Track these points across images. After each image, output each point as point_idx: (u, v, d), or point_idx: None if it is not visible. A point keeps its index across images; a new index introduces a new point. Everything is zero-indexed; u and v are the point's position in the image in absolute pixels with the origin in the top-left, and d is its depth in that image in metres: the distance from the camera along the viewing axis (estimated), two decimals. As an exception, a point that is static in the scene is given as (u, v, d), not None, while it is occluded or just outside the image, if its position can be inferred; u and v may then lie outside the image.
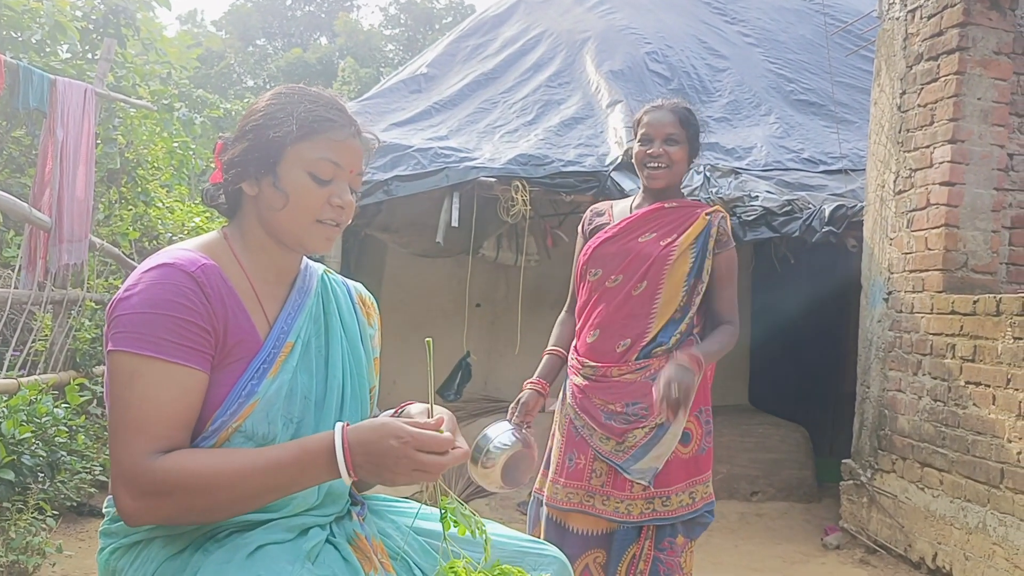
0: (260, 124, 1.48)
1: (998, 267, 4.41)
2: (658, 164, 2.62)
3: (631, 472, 2.57)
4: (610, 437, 2.60)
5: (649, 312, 2.61)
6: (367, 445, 1.32)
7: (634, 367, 2.60)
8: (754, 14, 8.13)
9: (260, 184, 1.48)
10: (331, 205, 1.48)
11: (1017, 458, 3.71)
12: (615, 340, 2.62)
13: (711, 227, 2.63)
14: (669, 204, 2.68)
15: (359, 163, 1.53)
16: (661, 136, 2.62)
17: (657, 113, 2.66)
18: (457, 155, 5.58)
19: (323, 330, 1.57)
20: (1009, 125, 4.43)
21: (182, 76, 9.86)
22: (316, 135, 1.47)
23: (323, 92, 1.54)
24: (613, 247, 2.67)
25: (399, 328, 6.71)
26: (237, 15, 27.21)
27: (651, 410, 2.50)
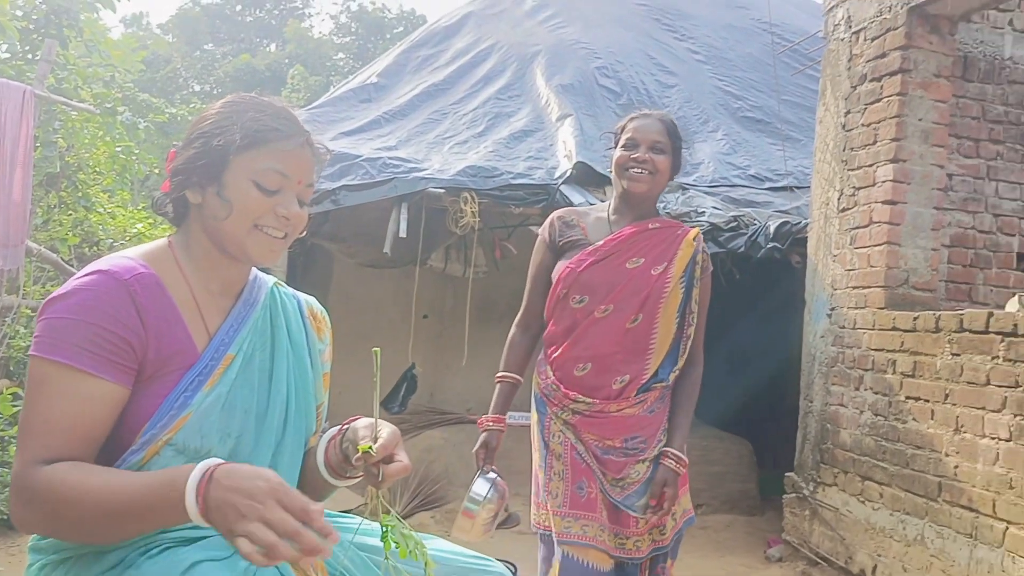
0: (206, 132, 1.45)
1: (937, 285, 4.51)
2: (642, 169, 2.49)
3: (636, 509, 2.47)
4: (606, 472, 2.48)
5: (647, 348, 2.49)
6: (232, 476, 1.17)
7: (633, 402, 2.48)
8: (703, 32, 8.24)
9: (204, 193, 1.44)
10: (276, 215, 1.45)
11: (954, 472, 3.78)
12: (611, 376, 2.48)
13: (697, 253, 2.55)
14: (653, 225, 2.55)
15: (308, 174, 1.49)
16: (647, 142, 2.51)
17: (644, 120, 2.56)
18: (406, 165, 5.54)
19: (269, 343, 1.54)
20: (948, 146, 4.54)
21: (126, 79, 9.67)
22: (262, 144, 1.43)
23: (274, 101, 1.51)
24: (600, 273, 2.49)
25: (345, 339, 6.61)
26: (184, 19, 26.81)
27: (648, 443, 2.47)
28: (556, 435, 2.54)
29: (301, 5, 28.67)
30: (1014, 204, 4.84)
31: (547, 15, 8.05)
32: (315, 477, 1.56)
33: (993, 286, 4.79)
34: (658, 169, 2.50)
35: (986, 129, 4.76)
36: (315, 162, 1.52)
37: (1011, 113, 4.81)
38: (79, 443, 1.31)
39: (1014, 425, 3.47)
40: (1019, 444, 3.44)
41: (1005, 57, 4.79)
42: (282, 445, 1.52)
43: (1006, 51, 4.79)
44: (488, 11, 8.20)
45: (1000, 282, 4.81)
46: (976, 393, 3.68)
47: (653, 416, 2.51)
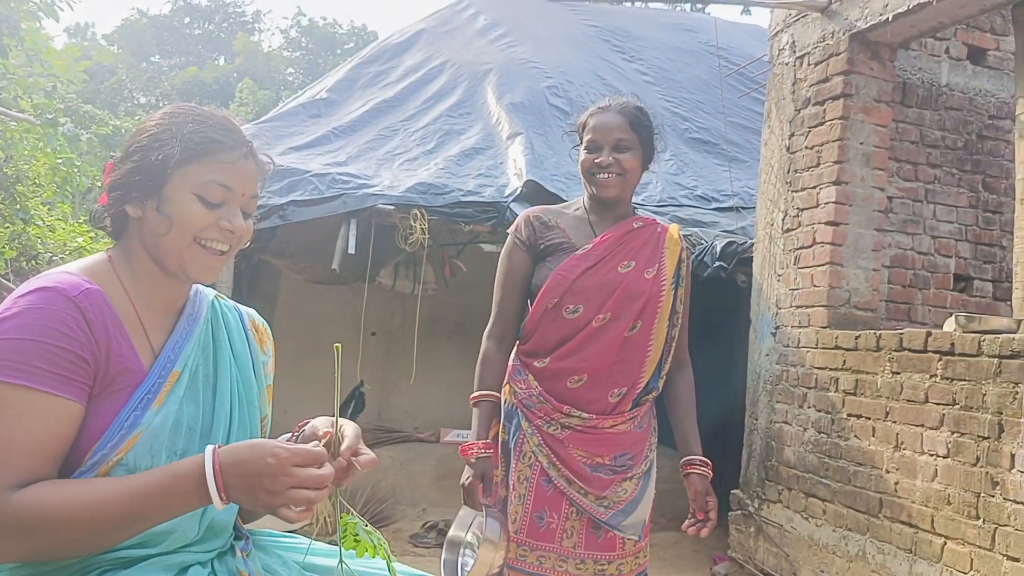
0: (145, 145, 1.41)
1: (878, 304, 4.61)
2: (608, 173, 2.33)
3: (623, 528, 2.32)
4: (589, 492, 2.31)
5: (644, 357, 2.35)
6: (241, 465, 1.24)
7: (627, 417, 2.35)
8: (652, 53, 8.36)
9: (144, 207, 1.41)
10: (219, 228, 1.42)
11: (894, 488, 3.85)
12: (607, 388, 2.33)
13: (683, 251, 2.44)
14: (636, 224, 2.42)
15: (252, 186, 1.47)
16: (610, 142, 2.34)
17: (604, 116, 2.38)
18: (356, 181, 5.51)
19: (211, 358, 1.51)
20: (889, 169, 4.66)
21: (69, 90, 9.47)
22: (204, 157, 1.41)
23: (214, 112, 1.48)
24: (593, 279, 2.33)
25: (292, 356, 6.55)
26: (131, 30, 26.42)
27: (636, 460, 2.35)
28: (527, 455, 2.35)
29: (251, 19, 28.44)
30: (951, 227, 4.98)
31: (499, 34, 8.09)
32: None
33: (931, 306, 4.91)
34: (626, 169, 2.35)
35: (924, 153, 4.89)
36: (259, 173, 1.50)
37: (948, 138, 4.95)
38: (46, 465, 1.28)
39: (951, 442, 3.55)
40: (956, 461, 3.52)
41: (942, 84, 4.93)
42: None
43: (943, 78, 4.93)
44: (440, 29, 8.22)
45: (938, 302, 4.94)
46: (915, 411, 3.76)
47: (642, 432, 2.41)
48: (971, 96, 4.99)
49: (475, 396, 2.46)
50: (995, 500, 3.31)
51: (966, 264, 5.01)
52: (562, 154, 6.39)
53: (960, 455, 3.51)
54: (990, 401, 3.36)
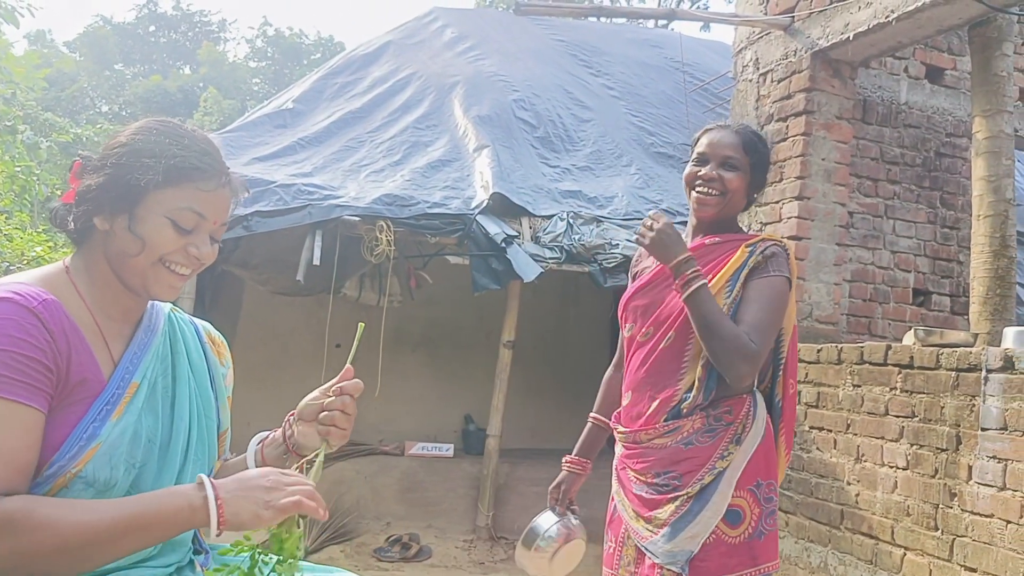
0: (123, 161, 1.39)
1: (840, 318, 4.67)
2: (709, 190, 2.22)
3: (660, 555, 2.13)
4: (639, 514, 2.21)
5: (679, 367, 2.21)
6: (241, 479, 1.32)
7: (663, 430, 2.20)
8: (618, 68, 8.42)
9: (114, 222, 1.40)
10: (186, 253, 1.42)
11: (856, 500, 3.90)
12: (645, 401, 2.25)
13: (751, 257, 2.20)
14: (711, 240, 2.26)
15: (224, 213, 1.47)
16: (718, 158, 2.23)
17: (719, 133, 2.28)
18: (321, 192, 5.48)
19: (170, 370, 1.49)
20: (850, 185, 4.73)
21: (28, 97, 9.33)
22: (183, 183, 1.40)
23: (197, 135, 1.47)
24: (645, 299, 2.30)
25: (255, 368, 6.48)
26: (93, 38, 26.10)
27: (684, 480, 2.16)
28: (613, 478, 2.37)
29: (217, 28, 28.24)
30: (910, 242, 5.06)
31: (466, 47, 8.11)
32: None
33: (891, 320, 4.99)
34: (728, 188, 2.22)
35: (884, 169, 4.98)
36: (233, 200, 1.50)
37: (907, 155, 5.04)
38: (21, 475, 1.26)
39: (911, 454, 3.60)
40: (915, 472, 3.57)
41: (901, 102, 5.03)
42: (183, 473, 1.47)
43: (902, 96, 5.03)
44: (407, 41, 8.22)
45: (897, 316, 5.01)
46: (876, 423, 3.81)
47: (691, 450, 2.18)
48: (929, 114, 5.09)
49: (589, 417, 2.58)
50: (953, 511, 3.37)
51: (925, 279, 5.10)
52: (529, 167, 6.41)
53: (919, 467, 3.56)
54: (948, 414, 3.41)
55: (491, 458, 5.92)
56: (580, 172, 6.63)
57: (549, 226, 5.71)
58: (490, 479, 5.90)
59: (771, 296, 2.17)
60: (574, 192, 6.22)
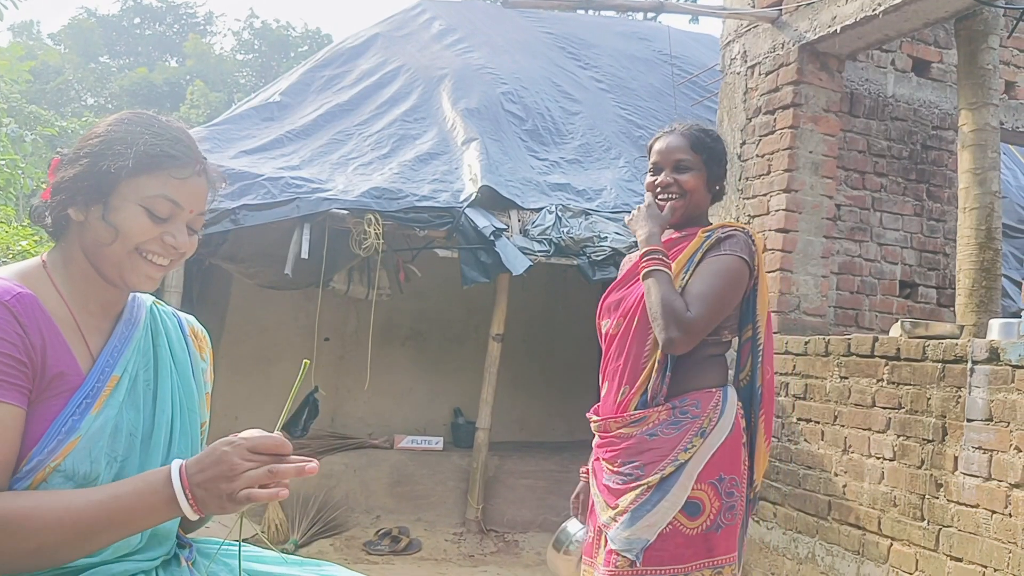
0: (96, 150, 1.39)
1: (827, 310, 4.70)
2: (668, 195, 2.35)
3: (617, 541, 2.17)
4: (607, 504, 2.26)
5: (643, 351, 2.26)
6: (201, 461, 1.27)
7: (629, 419, 2.25)
8: (606, 61, 8.42)
9: (88, 213, 1.39)
10: (162, 242, 1.41)
11: (843, 491, 3.92)
12: (616, 390, 2.32)
13: (706, 240, 2.30)
14: (678, 234, 2.38)
15: (201, 203, 1.46)
16: (670, 163, 2.36)
17: (667, 139, 2.40)
18: (309, 186, 5.47)
19: (152, 364, 1.49)
20: (837, 177, 4.75)
21: (13, 90, 9.26)
22: (155, 170, 1.39)
23: (171, 124, 1.46)
24: (617, 295, 2.40)
25: (243, 361, 6.47)
26: (78, 29, 25.89)
27: (647, 470, 2.19)
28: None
29: (203, 21, 28.06)
30: (897, 234, 5.08)
31: (454, 39, 8.09)
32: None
33: (878, 312, 5.02)
34: (687, 189, 2.34)
35: (871, 162, 5.00)
36: (209, 189, 1.48)
37: (893, 148, 5.06)
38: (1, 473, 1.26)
39: (897, 445, 3.62)
40: (902, 463, 3.60)
41: (888, 95, 5.05)
42: None
43: (889, 89, 5.05)
44: (395, 33, 8.19)
45: (884, 308, 5.04)
46: (863, 414, 3.84)
47: (654, 441, 2.22)
48: (916, 107, 5.11)
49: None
50: (939, 502, 3.39)
51: (911, 271, 5.12)
52: (517, 160, 6.40)
53: (905, 458, 3.58)
54: (934, 405, 3.44)
55: (480, 451, 5.93)
56: (569, 165, 6.63)
57: (538, 219, 5.72)
58: (479, 472, 5.91)
59: (717, 270, 2.23)
60: (563, 185, 6.22)
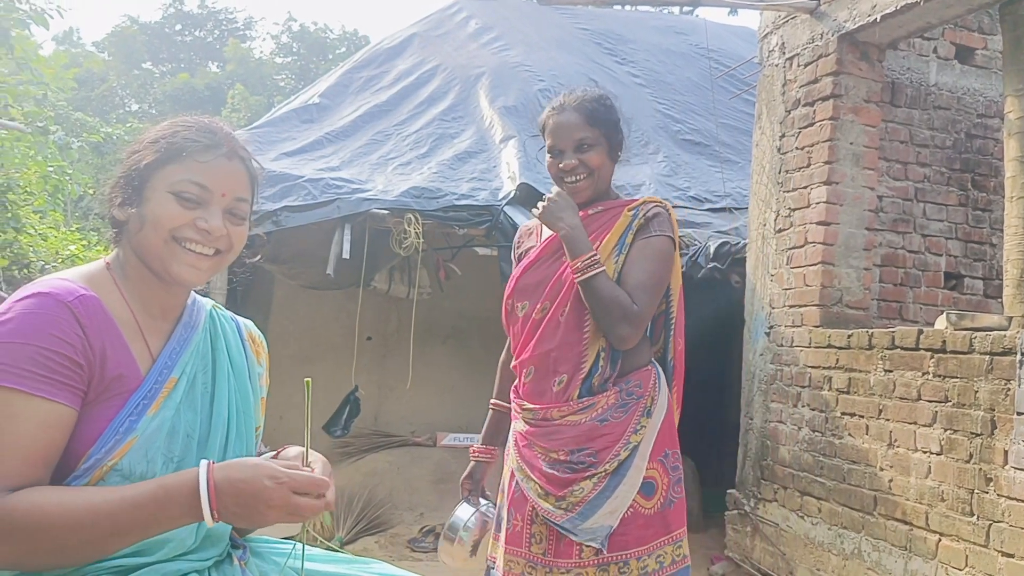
0: (135, 151, 1.45)
1: (870, 303, 4.64)
2: (576, 177, 2.27)
3: (579, 533, 2.14)
4: (550, 492, 2.20)
5: (580, 339, 2.22)
6: (237, 484, 1.26)
7: (576, 407, 2.21)
8: (643, 56, 8.38)
9: (128, 211, 1.44)
10: (196, 227, 1.43)
11: (889, 486, 3.88)
12: (550, 377, 2.25)
13: (634, 220, 2.25)
14: (594, 209, 2.30)
15: (234, 186, 1.46)
16: (571, 144, 2.26)
17: (560, 116, 2.28)
18: (349, 186, 5.52)
19: (210, 366, 1.52)
20: (878, 169, 4.69)
21: (59, 98, 9.46)
22: (179, 157, 1.42)
23: (207, 119, 1.49)
24: (536, 275, 2.32)
25: (287, 362, 6.55)
26: (121, 37, 26.33)
27: (600, 456, 2.17)
28: (511, 455, 2.36)
29: (242, 25, 28.41)
30: (941, 225, 5.01)
31: (490, 37, 8.11)
32: None
33: (922, 304, 4.94)
34: (592, 168, 2.27)
35: (914, 153, 4.92)
36: (246, 174, 1.49)
37: (937, 137, 4.98)
38: (38, 468, 1.28)
39: (944, 439, 3.57)
40: (949, 458, 3.54)
41: (931, 83, 4.96)
42: None
43: (931, 77, 4.97)
44: (432, 33, 8.23)
45: (929, 300, 4.96)
46: (908, 408, 3.78)
47: (606, 427, 2.20)
48: (959, 95, 5.03)
49: (490, 403, 2.59)
50: (989, 496, 3.34)
51: (956, 262, 5.04)
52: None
53: (953, 452, 3.53)
54: (982, 398, 3.38)
55: (522, 448, 5.93)
56: (606, 161, 6.61)
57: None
58: (521, 469, 5.91)
59: (653, 256, 2.23)
60: (601, 181, 6.21)
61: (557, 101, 2.34)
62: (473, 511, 2.51)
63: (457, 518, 2.52)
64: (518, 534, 2.26)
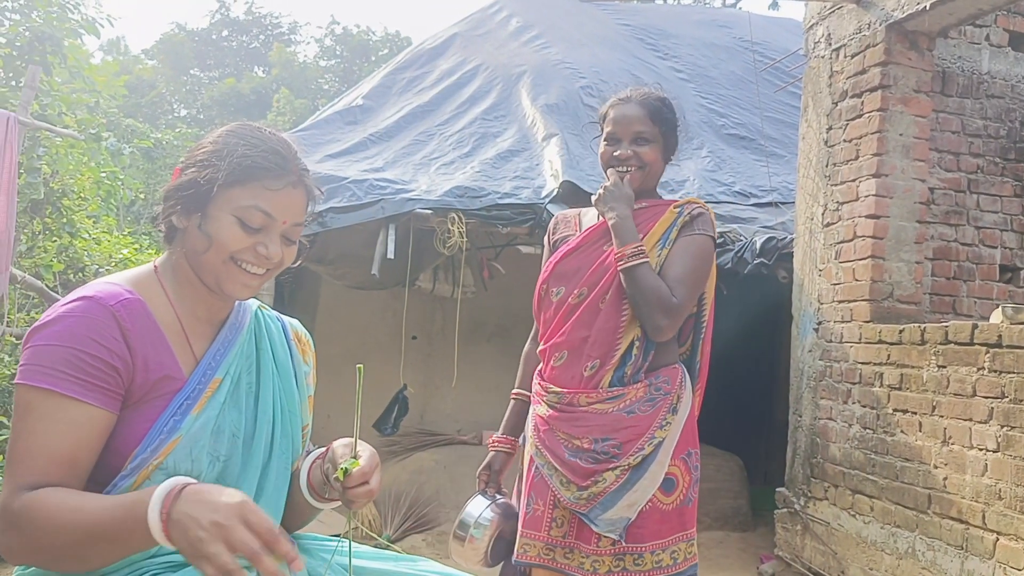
0: (200, 161, 1.44)
1: (922, 297, 4.54)
2: (628, 167, 2.31)
3: (598, 523, 2.17)
4: (571, 481, 2.21)
5: (617, 326, 2.24)
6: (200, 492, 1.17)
7: (605, 395, 2.23)
8: (686, 50, 8.31)
9: (188, 221, 1.45)
10: (255, 252, 1.44)
11: (943, 484, 3.79)
12: (582, 362, 2.26)
13: (679, 218, 2.29)
14: (639, 205, 2.32)
15: (296, 213, 1.48)
16: (629, 135, 2.31)
17: (624, 107, 2.33)
18: (393, 187, 5.55)
19: (255, 367, 1.54)
20: (929, 160, 4.59)
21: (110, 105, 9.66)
22: (248, 182, 1.42)
23: (272, 135, 1.48)
24: (575, 261, 2.34)
25: (333, 361, 6.59)
26: (169, 44, 26.83)
27: (624, 448, 2.18)
28: (530, 440, 2.37)
29: (287, 30, 28.75)
30: (995, 216, 4.89)
31: (531, 36, 8.10)
32: (299, 499, 1.56)
33: (977, 298, 4.83)
34: (645, 162, 2.31)
35: (966, 143, 4.81)
36: (307, 200, 1.51)
37: (990, 127, 4.86)
38: (62, 468, 1.30)
39: (1001, 436, 3.49)
40: (1006, 455, 3.46)
41: (983, 72, 4.85)
42: (268, 468, 1.52)
43: (984, 66, 4.85)
44: (473, 32, 8.25)
45: (983, 294, 4.85)
46: (963, 404, 3.70)
47: (632, 419, 2.21)
48: (1013, 83, 4.90)
49: (511, 394, 2.55)
50: (1048, 494, 3.25)
51: (1012, 254, 4.91)
52: (598, 155, 6.38)
53: (1011, 449, 3.44)
54: (1040, 393, 3.30)
55: (568, 446, 5.92)
56: (650, 157, 6.57)
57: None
58: (567, 467, 5.90)
59: (695, 253, 2.27)
60: (644, 178, 6.17)
61: (624, 93, 2.38)
62: (487, 504, 2.38)
63: (468, 514, 2.38)
64: (538, 518, 2.27)
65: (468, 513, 2.38)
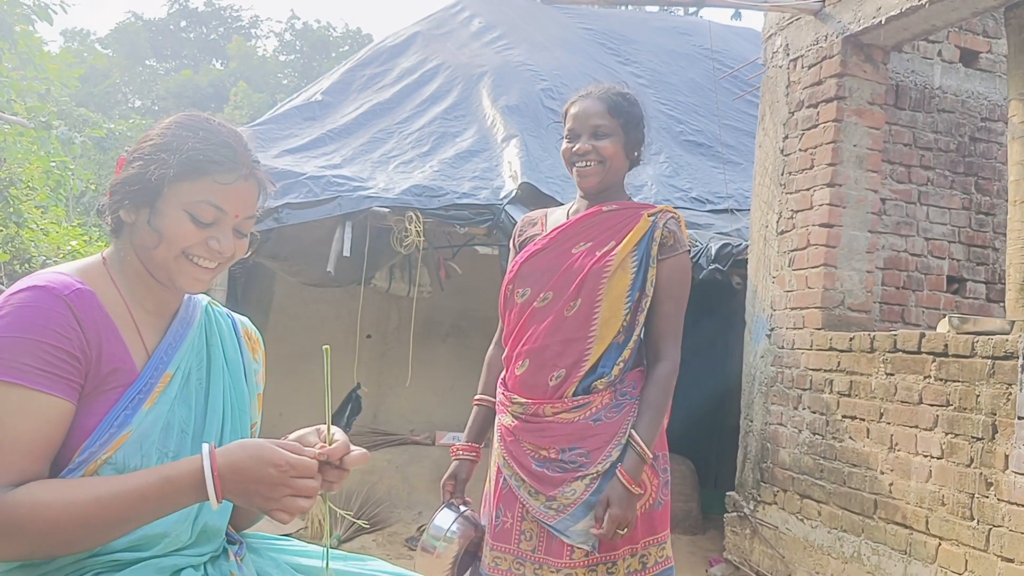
0: (148, 155, 1.41)
1: (872, 306, 4.62)
2: (587, 162, 2.25)
3: (570, 535, 2.13)
4: (540, 492, 2.17)
5: (586, 335, 2.19)
6: (240, 472, 1.26)
7: (571, 404, 2.18)
8: (646, 56, 8.38)
9: (137, 215, 1.42)
10: (207, 246, 1.42)
11: (889, 489, 3.86)
12: (547, 371, 2.21)
13: (655, 229, 2.23)
14: (608, 207, 2.28)
15: (247, 207, 1.46)
16: (588, 130, 2.25)
17: (584, 103, 2.29)
18: (351, 184, 5.52)
19: (205, 362, 1.51)
20: (882, 171, 4.67)
21: (62, 93, 9.45)
22: (199, 176, 1.40)
23: (221, 127, 1.46)
24: (542, 261, 2.28)
25: (286, 359, 6.55)
26: (124, 34, 26.35)
27: (592, 456, 2.14)
28: (496, 450, 2.32)
29: (247, 24, 28.42)
30: (944, 228, 4.99)
31: (493, 36, 8.11)
32: None
33: (925, 307, 4.93)
34: (605, 156, 2.25)
35: (917, 156, 4.91)
36: (258, 192, 1.49)
37: (940, 140, 4.97)
38: (38, 463, 1.28)
39: (945, 443, 3.56)
40: (950, 462, 3.53)
41: (935, 86, 4.95)
42: None
43: (935, 80, 4.95)
44: (435, 31, 8.23)
45: (931, 304, 4.95)
46: (909, 412, 3.77)
47: (599, 426, 2.17)
48: (963, 98, 5.01)
49: (474, 399, 2.48)
50: (989, 501, 3.33)
51: (959, 266, 5.02)
52: (557, 156, 6.39)
53: (954, 456, 3.52)
54: (984, 402, 3.37)
55: (521, 448, 5.92)
56: (609, 161, 6.61)
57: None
58: (520, 469, 5.90)
59: (682, 280, 2.27)
60: (603, 181, 6.20)
61: (585, 89, 2.35)
62: (455, 517, 2.30)
63: (436, 526, 2.29)
64: (507, 531, 2.23)
65: (436, 526, 2.30)
